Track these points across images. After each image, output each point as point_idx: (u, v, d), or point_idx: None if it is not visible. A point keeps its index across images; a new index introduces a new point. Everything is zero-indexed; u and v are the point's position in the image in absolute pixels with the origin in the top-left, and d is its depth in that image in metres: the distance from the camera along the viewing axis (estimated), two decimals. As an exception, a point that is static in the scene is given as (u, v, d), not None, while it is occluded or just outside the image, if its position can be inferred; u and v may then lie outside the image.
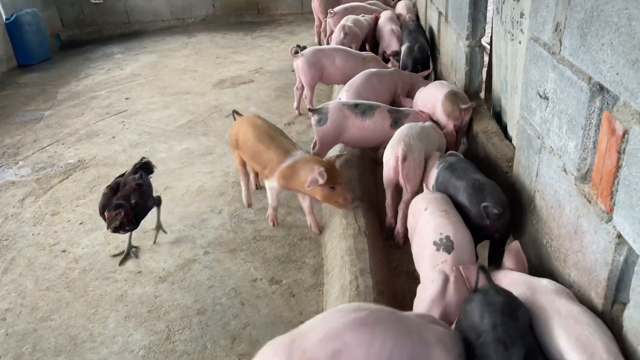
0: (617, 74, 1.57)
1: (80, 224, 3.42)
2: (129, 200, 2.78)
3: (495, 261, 2.41)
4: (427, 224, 2.27)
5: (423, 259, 2.19)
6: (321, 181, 2.71)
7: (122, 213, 2.70)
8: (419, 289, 2.13)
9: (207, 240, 3.16)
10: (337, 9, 5.93)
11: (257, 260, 2.95)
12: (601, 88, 1.70)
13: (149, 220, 3.07)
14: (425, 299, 2.02)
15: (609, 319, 1.72)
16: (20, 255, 3.16)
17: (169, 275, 2.88)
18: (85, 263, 3.03)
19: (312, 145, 3.56)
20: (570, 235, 1.97)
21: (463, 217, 2.35)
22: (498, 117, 3.51)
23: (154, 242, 3.13)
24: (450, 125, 3.34)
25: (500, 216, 2.27)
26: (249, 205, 3.43)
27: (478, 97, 3.84)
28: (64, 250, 3.16)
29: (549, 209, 2.18)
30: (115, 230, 2.75)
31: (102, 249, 3.14)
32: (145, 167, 3.12)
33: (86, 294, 2.79)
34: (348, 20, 5.43)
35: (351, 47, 4.95)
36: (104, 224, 3.32)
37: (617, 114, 1.59)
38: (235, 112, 3.42)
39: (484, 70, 3.97)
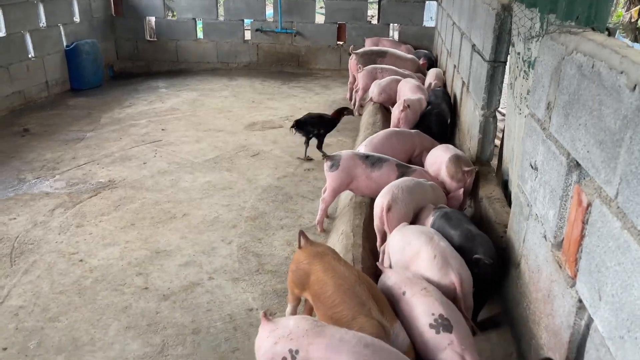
0: (588, 151, 1.74)
1: (100, 237, 3.67)
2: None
3: (477, 305, 2.54)
4: (413, 308, 2.18)
5: (425, 346, 2.08)
6: None
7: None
8: None
9: (213, 267, 3.34)
10: (367, 67, 6.29)
11: (257, 291, 3.11)
12: (577, 164, 1.86)
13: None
14: None
15: (570, 382, 1.80)
16: (41, 259, 3.41)
17: (172, 295, 3.06)
18: (99, 274, 3.25)
19: (322, 189, 3.76)
20: (545, 298, 2.08)
21: None
22: (505, 185, 3.66)
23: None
24: (453, 186, 3.51)
25: (490, 266, 2.41)
26: None
27: (488, 165, 4.01)
28: (81, 260, 3.39)
29: (530, 273, 2.29)
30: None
31: (116, 263, 3.36)
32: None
33: (94, 301, 2.99)
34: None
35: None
36: (121, 239, 3.60)
37: (584, 187, 1.75)
38: (302, 234, 2.48)
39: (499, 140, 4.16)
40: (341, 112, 5.23)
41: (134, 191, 4.40)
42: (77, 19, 8.19)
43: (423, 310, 2.14)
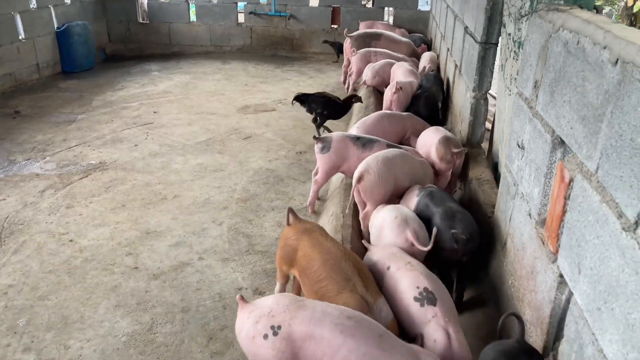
0: (571, 128, 1.75)
1: (90, 218, 3.66)
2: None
3: (462, 282, 2.57)
4: (398, 282, 2.20)
5: (411, 319, 2.10)
6: None
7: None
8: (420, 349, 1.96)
9: (203, 247, 3.35)
10: (361, 50, 6.26)
11: (246, 271, 3.12)
12: (562, 141, 1.87)
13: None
14: None
15: (551, 356, 1.83)
16: (31, 239, 3.41)
17: (162, 274, 3.07)
18: (89, 254, 3.25)
19: (314, 171, 3.76)
20: (528, 275, 2.10)
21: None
22: (496, 167, 3.67)
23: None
24: (443, 167, 3.52)
25: (467, 242, 2.43)
26: None
27: (479, 147, 4.01)
28: (71, 240, 3.40)
29: (516, 251, 2.31)
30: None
31: (106, 243, 3.37)
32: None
33: (84, 280, 3.00)
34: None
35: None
36: (111, 220, 3.60)
37: (567, 163, 1.76)
38: (291, 211, 2.50)
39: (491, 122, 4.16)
40: (350, 99, 5.06)
41: (125, 173, 4.39)
42: (67, 0, 8.09)
43: (408, 283, 2.17)
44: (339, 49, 8.46)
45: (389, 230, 2.58)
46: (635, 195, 1.27)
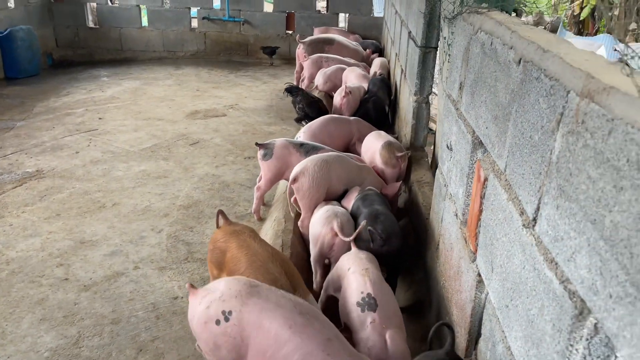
0: (487, 127, 1.76)
1: (21, 228, 3.50)
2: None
3: (392, 280, 2.59)
4: (349, 284, 2.22)
5: (352, 324, 2.12)
6: None
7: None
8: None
9: (140, 256, 3.24)
10: (312, 56, 6.26)
11: (183, 280, 3.03)
12: (481, 141, 1.89)
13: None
14: None
15: (473, 354, 1.83)
16: (-45, 252, 3.23)
17: (94, 285, 2.95)
18: (16, 266, 3.10)
19: (258, 178, 3.71)
20: (455, 275, 2.11)
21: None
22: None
23: None
24: (389, 171, 3.53)
25: (384, 241, 2.45)
26: None
27: (422, 150, 4.05)
28: (-2, 252, 3.23)
29: (446, 251, 2.32)
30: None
31: (36, 254, 3.21)
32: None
33: (9, 294, 2.85)
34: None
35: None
36: (44, 230, 3.45)
37: (483, 162, 1.77)
38: (221, 214, 2.53)
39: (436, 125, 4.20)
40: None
41: (63, 181, 4.22)
42: (11, 4, 7.79)
43: (356, 287, 2.17)
44: (269, 53, 8.73)
45: (319, 221, 2.73)
46: (534, 192, 1.28)
